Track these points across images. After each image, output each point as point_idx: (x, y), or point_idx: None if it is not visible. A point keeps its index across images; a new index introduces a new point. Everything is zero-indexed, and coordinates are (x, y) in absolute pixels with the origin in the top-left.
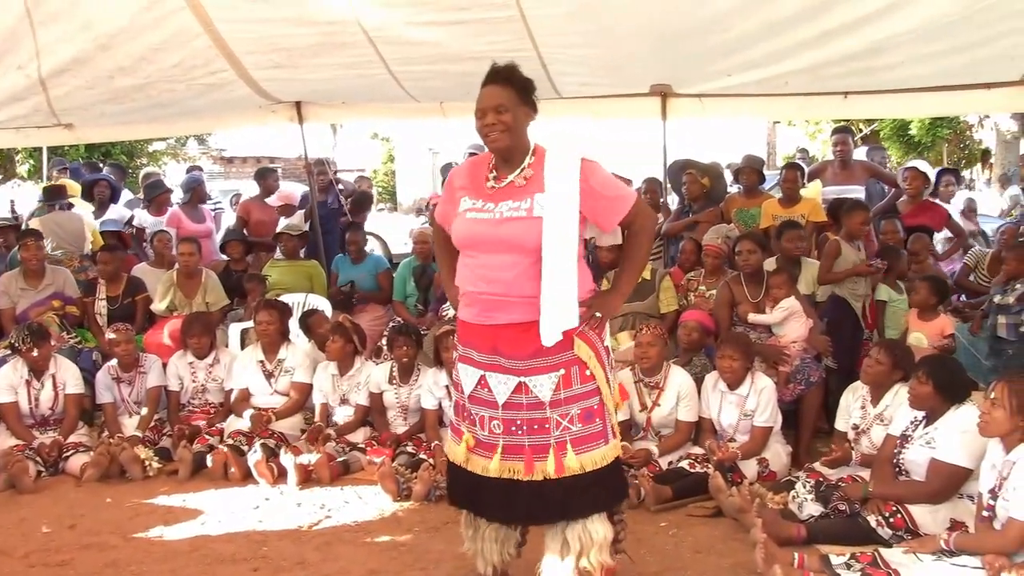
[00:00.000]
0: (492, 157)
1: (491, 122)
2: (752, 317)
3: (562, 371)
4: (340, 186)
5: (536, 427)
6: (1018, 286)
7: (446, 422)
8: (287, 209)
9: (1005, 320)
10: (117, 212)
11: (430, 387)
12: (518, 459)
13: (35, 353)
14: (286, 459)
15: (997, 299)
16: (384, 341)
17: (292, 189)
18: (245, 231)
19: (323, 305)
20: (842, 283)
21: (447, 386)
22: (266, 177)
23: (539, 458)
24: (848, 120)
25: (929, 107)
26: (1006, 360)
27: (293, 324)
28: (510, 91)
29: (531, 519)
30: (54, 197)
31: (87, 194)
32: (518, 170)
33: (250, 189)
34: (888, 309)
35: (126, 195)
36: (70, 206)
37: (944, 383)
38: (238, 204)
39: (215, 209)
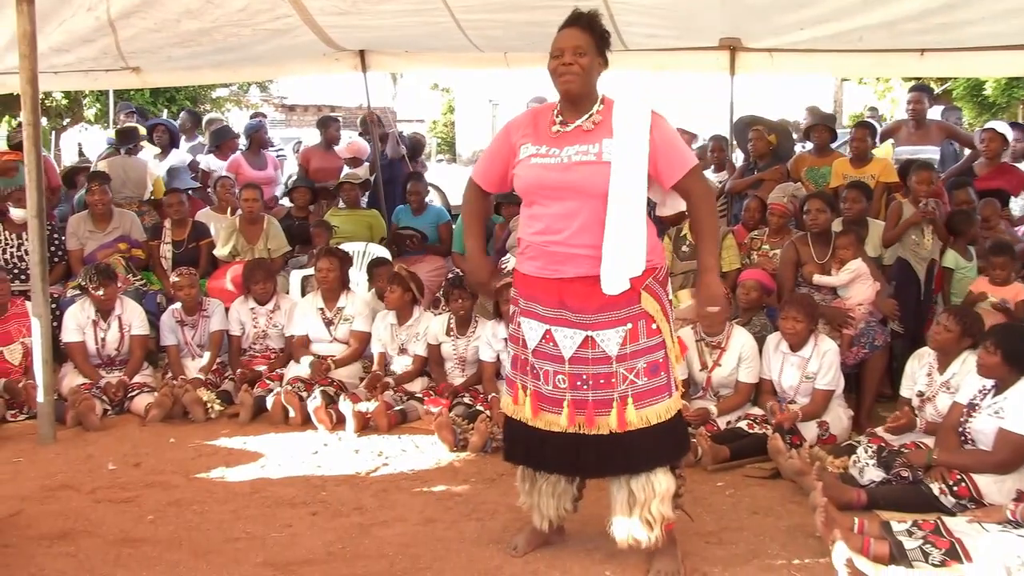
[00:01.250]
0: (557, 105)
1: (568, 61)
2: (818, 279)
3: (629, 325)
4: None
5: (602, 381)
6: None
7: (503, 374)
8: (356, 162)
9: None
10: (178, 157)
11: (488, 339)
12: (583, 413)
13: (102, 293)
14: (344, 406)
15: None
16: (442, 293)
17: (363, 142)
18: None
19: (383, 254)
20: (905, 244)
21: (505, 339)
22: (328, 126)
23: (600, 412)
24: (923, 78)
25: (1008, 66)
26: None
27: (353, 272)
28: (589, 37)
29: (597, 472)
30: (125, 140)
31: (148, 138)
32: (586, 116)
33: (311, 137)
34: (955, 276)
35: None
36: (139, 149)
37: (1014, 353)
38: (300, 152)
39: (278, 155)
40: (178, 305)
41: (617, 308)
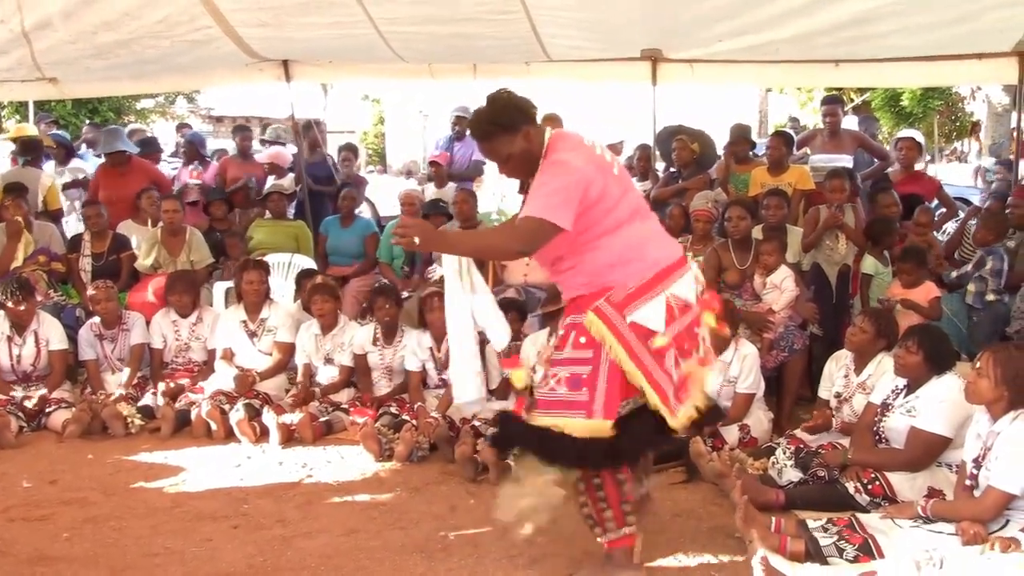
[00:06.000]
0: None
1: (503, 172)
2: (767, 298)
3: (561, 332)
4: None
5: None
6: (977, 253)
7: (429, 384)
8: (278, 171)
9: (973, 288)
10: (77, 167)
11: (414, 349)
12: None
13: (23, 308)
14: (268, 418)
15: (953, 275)
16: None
17: (284, 151)
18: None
19: (310, 265)
20: (820, 248)
21: (431, 348)
22: (240, 135)
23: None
24: (840, 89)
25: (920, 77)
26: (971, 328)
27: (279, 283)
28: (495, 141)
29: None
30: (25, 152)
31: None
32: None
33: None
34: (874, 282)
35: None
36: (39, 161)
37: (934, 353)
38: (218, 162)
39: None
40: (97, 319)
41: (567, 315)
